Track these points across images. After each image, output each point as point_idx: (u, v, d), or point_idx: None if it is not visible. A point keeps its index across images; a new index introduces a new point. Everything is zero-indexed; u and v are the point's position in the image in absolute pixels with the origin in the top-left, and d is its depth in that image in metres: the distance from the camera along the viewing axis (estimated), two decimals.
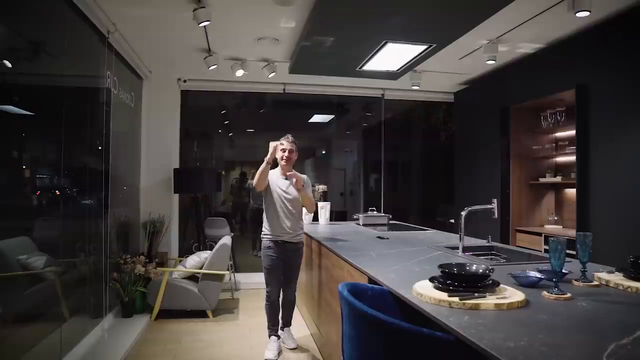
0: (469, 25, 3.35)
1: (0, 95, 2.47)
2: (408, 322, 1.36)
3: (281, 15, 3.43)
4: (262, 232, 3.42)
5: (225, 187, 7.99)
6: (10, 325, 2.51)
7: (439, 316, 1.38)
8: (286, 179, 3.36)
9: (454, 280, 1.62)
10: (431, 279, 1.69)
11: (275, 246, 3.33)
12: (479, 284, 1.61)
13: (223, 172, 7.84)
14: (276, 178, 3.38)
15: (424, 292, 1.58)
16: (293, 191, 3.35)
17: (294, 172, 3.33)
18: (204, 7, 3.19)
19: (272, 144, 3.24)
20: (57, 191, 3.07)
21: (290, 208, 3.35)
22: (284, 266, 3.39)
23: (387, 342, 1.35)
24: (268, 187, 3.34)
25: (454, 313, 1.42)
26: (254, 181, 3.28)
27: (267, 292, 3.39)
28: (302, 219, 3.50)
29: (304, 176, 3.43)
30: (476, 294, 1.52)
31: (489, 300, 1.49)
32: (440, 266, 1.73)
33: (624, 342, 1.15)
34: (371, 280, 2.03)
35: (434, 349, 1.30)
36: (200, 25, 3.29)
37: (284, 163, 3.33)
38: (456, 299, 1.48)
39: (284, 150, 3.33)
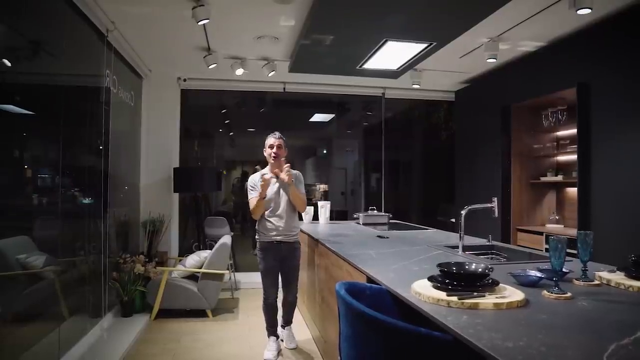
0: (469, 23, 3.33)
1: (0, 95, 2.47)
2: (407, 321, 1.35)
3: (280, 14, 3.41)
4: (257, 235, 3.38)
5: (226, 186, 7.98)
6: (9, 324, 2.50)
7: (437, 315, 1.37)
8: (277, 177, 3.28)
9: (452, 279, 1.60)
10: (430, 278, 1.67)
11: (270, 247, 3.28)
12: (478, 283, 1.59)
13: (224, 172, 7.84)
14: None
15: (423, 292, 1.57)
16: (283, 191, 3.28)
17: (285, 167, 3.19)
18: (202, 5, 3.18)
19: (265, 177, 3.14)
20: (56, 190, 3.06)
21: (283, 208, 3.28)
22: (281, 268, 3.35)
23: (384, 341, 1.33)
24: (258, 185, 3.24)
25: (452, 312, 1.40)
26: (251, 211, 3.25)
27: (264, 294, 3.35)
28: (296, 218, 3.42)
29: (295, 171, 3.31)
30: (475, 293, 1.51)
31: (488, 300, 1.47)
32: (439, 265, 1.71)
33: (624, 342, 1.13)
34: (370, 280, 2.02)
35: (432, 348, 1.29)
36: (200, 23, 3.29)
37: (273, 160, 3.25)
38: (455, 299, 1.47)
39: (271, 147, 3.25)
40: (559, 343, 1.16)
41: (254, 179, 3.30)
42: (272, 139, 3.27)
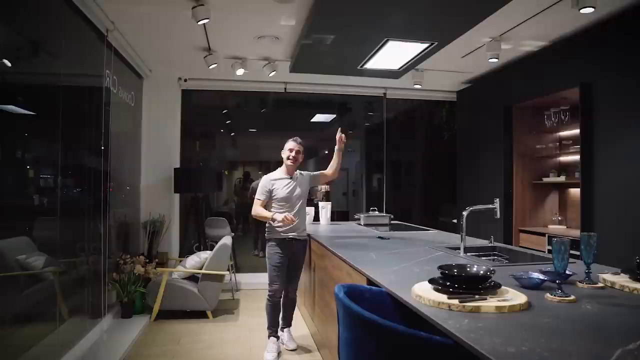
0: (470, 23, 3.30)
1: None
2: (408, 324, 1.32)
3: (281, 13, 3.39)
4: (268, 232, 3.39)
5: (228, 187, 7.97)
6: (8, 325, 2.49)
7: (437, 319, 1.34)
8: (290, 178, 3.35)
9: (454, 281, 1.58)
10: (431, 281, 1.65)
11: (283, 244, 3.32)
12: (479, 285, 1.56)
13: (226, 172, 7.83)
14: (280, 179, 3.35)
15: (423, 294, 1.54)
16: (297, 190, 3.36)
17: (340, 138, 3.36)
18: (202, 4, 3.16)
19: (278, 216, 3.16)
20: (56, 191, 3.05)
21: (297, 207, 3.34)
22: (289, 263, 3.37)
23: (383, 345, 1.30)
24: (273, 190, 3.32)
25: (453, 316, 1.38)
26: (253, 214, 3.33)
27: (271, 291, 3.34)
28: (305, 218, 3.51)
29: (305, 172, 3.49)
30: (477, 296, 1.48)
31: (489, 303, 1.44)
32: (440, 267, 1.69)
33: (630, 347, 1.10)
34: (370, 282, 1.99)
35: (432, 353, 1.26)
36: (199, 23, 3.27)
37: (290, 164, 3.33)
38: (456, 302, 1.44)
39: (291, 150, 3.33)
40: (562, 348, 1.13)
41: (267, 181, 3.35)
42: (293, 144, 3.36)
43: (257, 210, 3.31)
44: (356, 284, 1.98)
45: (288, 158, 3.34)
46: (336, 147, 3.41)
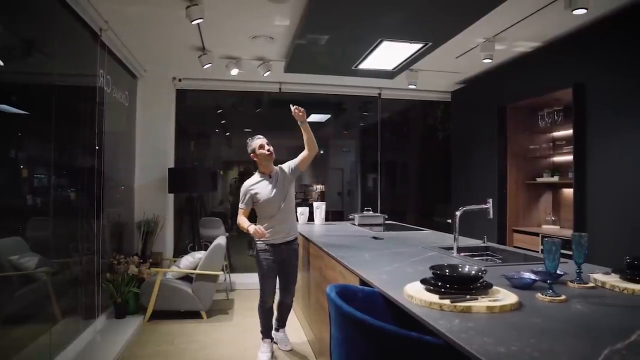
0: (464, 23, 3.32)
1: None
2: (401, 324, 1.33)
3: (275, 13, 3.39)
4: (255, 237, 3.21)
5: (223, 186, 7.96)
6: (1, 326, 2.48)
7: (428, 319, 1.35)
8: (270, 177, 3.19)
9: (445, 282, 1.58)
10: (422, 281, 1.65)
11: (271, 249, 3.19)
12: (471, 285, 1.57)
13: (221, 172, 7.82)
14: (260, 182, 3.19)
15: (415, 294, 1.55)
16: (280, 188, 3.17)
17: (296, 112, 3.08)
18: (196, 4, 3.16)
19: (251, 228, 2.96)
20: (50, 190, 3.03)
21: (283, 209, 3.18)
22: (280, 269, 3.26)
23: (374, 345, 1.31)
24: (254, 195, 3.15)
25: (444, 316, 1.38)
26: (238, 224, 3.13)
27: (262, 297, 3.26)
28: (294, 215, 3.38)
29: (284, 165, 3.32)
30: (468, 297, 1.49)
31: (481, 303, 1.45)
32: (432, 267, 1.69)
33: (618, 346, 1.11)
34: (363, 282, 2.00)
35: (423, 353, 1.26)
36: (193, 22, 3.26)
37: (272, 157, 3.17)
38: (447, 302, 1.45)
39: (262, 147, 3.17)
40: (552, 348, 1.14)
41: (246, 189, 3.18)
42: (261, 140, 3.21)
43: (239, 220, 3.11)
44: (349, 284, 1.98)
45: (266, 153, 3.15)
46: (299, 122, 3.15)
